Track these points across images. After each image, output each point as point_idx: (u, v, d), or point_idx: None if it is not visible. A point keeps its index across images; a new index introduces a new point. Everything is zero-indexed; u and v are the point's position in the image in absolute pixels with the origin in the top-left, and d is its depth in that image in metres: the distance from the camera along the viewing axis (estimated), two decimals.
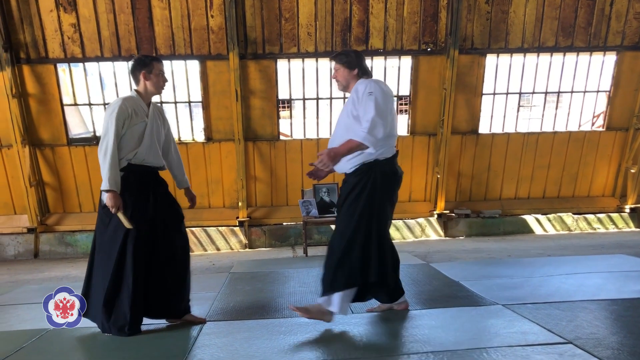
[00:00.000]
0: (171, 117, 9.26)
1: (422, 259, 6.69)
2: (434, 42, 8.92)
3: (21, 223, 9.19)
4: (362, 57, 3.97)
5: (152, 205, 3.82)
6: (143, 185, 3.84)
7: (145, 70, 3.89)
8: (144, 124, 3.83)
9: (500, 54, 9.12)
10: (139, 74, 3.90)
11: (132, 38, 8.63)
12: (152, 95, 3.98)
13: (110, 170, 3.64)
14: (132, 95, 3.92)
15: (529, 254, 7.02)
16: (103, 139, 3.72)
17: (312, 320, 3.76)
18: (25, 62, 8.64)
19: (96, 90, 9.21)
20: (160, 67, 3.94)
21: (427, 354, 3.12)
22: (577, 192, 9.93)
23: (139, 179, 3.82)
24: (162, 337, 3.76)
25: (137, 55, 4.16)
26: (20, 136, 8.66)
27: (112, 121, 3.68)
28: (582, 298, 4.24)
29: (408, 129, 9.41)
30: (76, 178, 9.20)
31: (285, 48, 8.81)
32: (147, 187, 3.86)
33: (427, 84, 9.12)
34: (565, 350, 3.08)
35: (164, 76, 3.99)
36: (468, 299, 4.41)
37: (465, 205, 9.68)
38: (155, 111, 3.98)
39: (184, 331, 3.83)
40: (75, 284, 6.17)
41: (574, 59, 9.25)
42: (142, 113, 3.85)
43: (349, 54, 3.95)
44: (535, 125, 9.88)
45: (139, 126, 3.80)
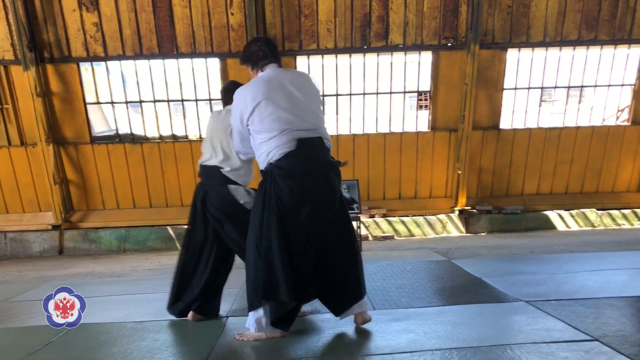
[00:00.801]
0: (192, 115, 9.36)
1: (443, 255, 6.65)
2: (454, 37, 8.86)
3: (46, 220, 9.34)
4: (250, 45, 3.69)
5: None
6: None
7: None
8: None
9: (521, 48, 9.03)
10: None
11: (153, 36, 8.70)
12: None
13: None
14: None
15: (552, 250, 6.94)
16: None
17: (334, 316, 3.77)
18: (49, 62, 8.77)
19: (118, 89, 9.32)
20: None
21: (451, 350, 3.11)
22: (600, 187, 9.80)
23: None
24: (186, 333, 3.80)
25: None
26: (44, 134, 8.80)
27: None
28: (607, 295, 4.17)
29: (428, 124, 9.37)
30: (99, 176, 9.32)
31: (304, 45, 8.81)
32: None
33: (448, 79, 9.06)
34: (591, 347, 3.04)
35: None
36: (491, 296, 4.37)
37: (487, 201, 9.61)
38: None
39: (207, 326, 3.86)
40: (101, 280, 6.29)
41: (598, 52, 9.11)
42: None
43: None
44: (557, 120, 9.77)
45: None
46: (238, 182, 3.89)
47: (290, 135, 3.31)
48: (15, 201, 9.48)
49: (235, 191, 3.87)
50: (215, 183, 3.90)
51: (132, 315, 4.36)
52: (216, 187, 3.89)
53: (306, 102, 3.42)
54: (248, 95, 3.39)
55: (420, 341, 3.30)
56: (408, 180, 9.57)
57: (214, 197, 3.88)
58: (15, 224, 9.38)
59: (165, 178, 9.37)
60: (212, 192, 3.90)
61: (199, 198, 3.97)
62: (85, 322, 4.15)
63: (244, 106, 3.40)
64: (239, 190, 3.88)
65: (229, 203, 3.86)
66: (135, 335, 3.74)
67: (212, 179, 3.92)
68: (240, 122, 3.48)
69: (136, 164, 9.30)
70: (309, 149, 3.35)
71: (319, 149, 3.41)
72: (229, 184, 3.87)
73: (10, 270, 7.62)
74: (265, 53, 3.51)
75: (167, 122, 9.34)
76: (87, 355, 3.41)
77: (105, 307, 4.71)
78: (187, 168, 9.28)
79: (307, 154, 3.34)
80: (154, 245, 9.15)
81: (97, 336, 3.82)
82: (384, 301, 4.33)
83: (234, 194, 3.86)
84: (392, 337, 3.41)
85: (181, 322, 4.01)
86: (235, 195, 3.86)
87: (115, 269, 7.23)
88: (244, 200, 3.87)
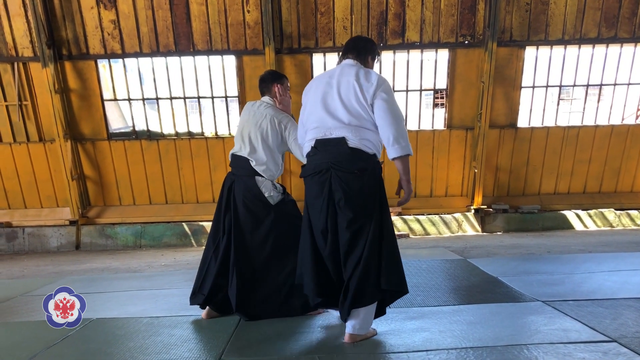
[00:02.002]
0: (208, 112, 9.40)
1: (459, 254, 6.62)
2: (471, 35, 8.79)
3: (63, 215, 9.44)
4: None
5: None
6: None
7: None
8: None
9: (540, 46, 8.92)
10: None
11: (170, 34, 8.75)
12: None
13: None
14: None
15: (569, 250, 6.87)
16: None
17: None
18: (67, 59, 8.85)
19: (135, 86, 9.38)
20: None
21: (466, 349, 3.09)
22: (619, 187, 9.67)
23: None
24: (201, 329, 3.82)
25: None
26: (62, 131, 8.89)
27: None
28: (626, 296, 4.12)
29: (445, 122, 9.31)
30: (116, 172, 9.40)
31: (320, 42, 8.80)
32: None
33: (465, 77, 9.00)
34: (609, 348, 3.01)
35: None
36: (507, 295, 4.34)
37: (503, 200, 9.54)
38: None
39: (223, 322, 3.88)
40: (117, 275, 6.35)
41: (618, 50, 8.99)
42: None
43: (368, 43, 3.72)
44: (576, 119, 9.65)
45: None
46: (265, 175, 3.91)
47: None
48: (34, 197, 9.59)
49: (261, 183, 3.90)
50: (243, 173, 3.95)
51: (148, 310, 4.39)
52: (243, 178, 3.94)
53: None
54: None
55: (436, 340, 3.29)
56: (424, 179, 9.53)
57: (240, 187, 3.93)
58: (33, 219, 9.49)
59: (181, 175, 9.42)
60: (239, 182, 3.96)
61: (226, 186, 4.04)
62: (101, 317, 4.21)
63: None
64: (265, 183, 3.91)
65: (253, 195, 3.90)
66: (151, 331, 3.78)
67: (241, 169, 3.96)
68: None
69: (152, 161, 9.36)
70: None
71: None
72: (256, 175, 3.91)
73: (28, 265, 7.72)
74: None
75: (183, 119, 9.39)
76: (103, 349, 3.44)
77: (122, 302, 4.75)
78: (203, 165, 9.33)
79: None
80: (170, 242, 9.21)
81: (113, 330, 3.85)
82: (399, 300, 4.31)
83: (260, 186, 3.90)
84: (407, 336, 3.40)
85: (197, 318, 4.04)
86: (260, 187, 3.89)
87: (132, 265, 7.29)
88: (268, 194, 3.89)
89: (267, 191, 3.90)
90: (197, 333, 3.74)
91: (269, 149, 3.92)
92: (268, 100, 4.10)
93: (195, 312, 4.11)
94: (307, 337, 3.48)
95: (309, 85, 3.61)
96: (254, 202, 3.89)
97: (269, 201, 3.89)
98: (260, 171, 3.90)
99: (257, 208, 3.89)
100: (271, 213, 3.89)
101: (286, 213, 3.96)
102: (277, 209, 3.92)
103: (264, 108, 4.03)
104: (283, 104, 4.09)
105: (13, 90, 8.94)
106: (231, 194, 3.97)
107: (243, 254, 3.88)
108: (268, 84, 4.12)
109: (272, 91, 4.11)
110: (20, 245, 9.31)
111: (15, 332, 3.96)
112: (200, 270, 4.09)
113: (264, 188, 3.89)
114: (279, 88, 4.08)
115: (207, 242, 4.16)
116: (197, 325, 3.90)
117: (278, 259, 3.89)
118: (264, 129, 3.93)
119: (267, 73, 4.22)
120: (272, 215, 3.89)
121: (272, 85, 4.10)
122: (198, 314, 4.06)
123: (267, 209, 3.89)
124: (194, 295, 4.08)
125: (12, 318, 4.41)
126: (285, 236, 3.89)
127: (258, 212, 3.89)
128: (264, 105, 4.06)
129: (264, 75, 4.20)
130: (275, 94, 4.09)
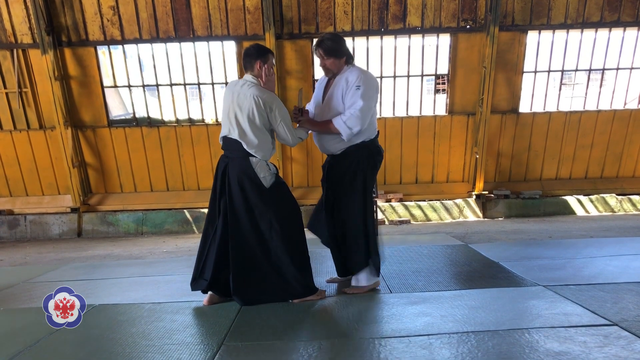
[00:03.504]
0: (208, 99, 9.37)
1: (460, 239, 6.62)
2: (473, 19, 8.73)
3: (65, 203, 9.45)
4: (344, 41, 4.17)
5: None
6: None
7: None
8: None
9: (542, 31, 8.86)
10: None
11: (169, 20, 8.69)
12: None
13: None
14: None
15: (571, 235, 6.87)
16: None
17: (353, 295, 3.99)
18: (66, 45, 8.81)
19: (135, 72, 9.34)
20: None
21: (468, 333, 3.10)
22: (621, 172, 9.65)
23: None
24: (203, 314, 3.83)
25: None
26: (62, 118, 8.87)
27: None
28: (627, 280, 4.13)
29: (446, 108, 9.27)
30: (117, 159, 9.39)
31: (321, 27, 8.74)
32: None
33: (466, 62, 8.95)
34: (610, 332, 3.01)
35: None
36: (508, 280, 4.35)
37: (505, 186, 9.52)
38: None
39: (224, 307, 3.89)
40: (119, 262, 6.36)
41: (620, 34, 8.92)
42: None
43: (337, 43, 4.07)
44: (578, 104, 9.60)
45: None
46: (258, 156, 3.85)
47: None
48: (35, 184, 9.60)
49: (256, 164, 3.84)
50: (237, 155, 3.88)
51: (150, 296, 4.41)
52: (237, 160, 3.87)
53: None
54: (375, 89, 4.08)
55: (437, 324, 3.29)
56: (425, 165, 9.51)
57: (235, 169, 3.87)
58: (34, 206, 9.51)
59: (182, 162, 9.41)
60: (233, 164, 3.89)
61: (220, 169, 3.97)
62: (104, 303, 4.23)
63: (376, 93, 4.09)
64: (260, 163, 3.85)
65: (248, 177, 3.84)
66: (154, 316, 3.79)
67: (234, 151, 3.89)
68: (369, 105, 3.99)
69: (153, 148, 9.35)
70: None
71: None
72: (250, 157, 3.85)
73: (30, 252, 7.74)
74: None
75: (183, 106, 9.36)
76: (106, 334, 3.46)
77: (124, 289, 4.77)
78: (203, 152, 9.31)
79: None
80: (171, 229, 9.22)
81: (115, 316, 3.86)
82: (400, 285, 4.33)
83: (255, 167, 3.84)
84: (408, 320, 3.41)
85: (199, 304, 4.04)
86: (255, 168, 3.83)
87: (133, 252, 7.30)
88: (263, 175, 3.84)
89: (262, 172, 3.84)
90: (199, 318, 3.75)
91: (258, 130, 3.83)
92: (252, 79, 3.92)
93: (197, 297, 4.12)
94: (309, 322, 3.49)
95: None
96: (249, 185, 3.84)
97: (263, 183, 3.84)
98: (253, 152, 3.83)
99: (252, 190, 3.84)
100: (266, 196, 3.85)
101: (281, 196, 3.93)
102: (271, 191, 3.87)
103: (247, 88, 3.86)
104: (268, 85, 3.95)
105: (13, 78, 8.90)
106: (225, 176, 3.91)
107: (238, 237, 3.84)
108: (252, 60, 3.93)
109: (254, 68, 3.93)
110: (22, 233, 9.33)
111: (18, 318, 3.98)
112: (199, 255, 4.06)
113: (259, 169, 3.83)
114: (265, 68, 3.91)
115: (204, 227, 4.12)
116: (199, 310, 3.91)
117: (275, 242, 3.86)
118: (250, 110, 3.80)
119: (252, 47, 3.99)
120: (266, 198, 3.85)
121: (256, 63, 3.92)
122: (200, 300, 4.07)
123: (262, 192, 3.84)
124: (194, 280, 4.06)
125: (15, 304, 4.43)
126: (281, 219, 3.86)
127: (253, 195, 3.84)
128: (247, 84, 3.88)
129: (248, 49, 3.99)
130: (260, 73, 3.93)
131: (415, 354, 2.83)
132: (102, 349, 3.21)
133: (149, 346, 3.18)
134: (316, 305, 3.85)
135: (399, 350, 2.90)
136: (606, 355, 2.68)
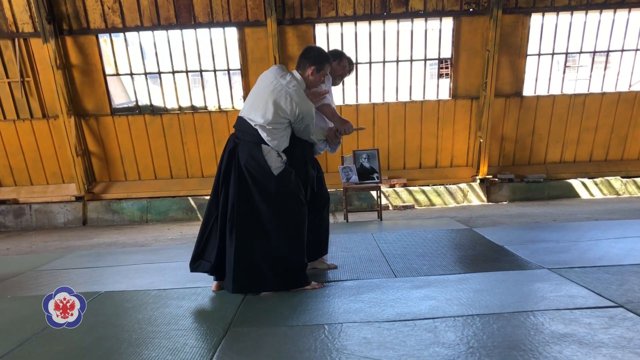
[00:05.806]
0: (211, 86, 9.34)
1: (464, 224, 6.62)
2: (476, 2, 8.65)
3: (69, 192, 9.48)
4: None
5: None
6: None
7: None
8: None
9: (546, 13, 8.79)
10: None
11: (170, 6, 8.65)
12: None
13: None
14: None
15: (575, 218, 6.86)
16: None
17: (358, 282, 3.92)
18: (68, 34, 8.78)
19: (137, 60, 9.31)
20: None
21: (473, 316, 3.10)
22: (626, 154, 9.62)
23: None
24: (209, 300, 3.84)
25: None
26: (65, 107, 8.87)
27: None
28: (632, 262, 4.12)
29: (450, 92, 9.23)
30: (120, 147, 9.40)
31: (323, 12, 8.69)
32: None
33: (470, 45, 8.89)
34: (615, 313, 3.01)
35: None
36: (513, 263, 4.35)
37: (509, 169, 9.51)
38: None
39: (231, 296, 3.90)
40: (125, 249, 6.39)
41: (625, 15, 8.84)
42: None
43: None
44: (582, 87, 9.56)
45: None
46: (271, 145, 3.75)
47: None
48: (39, 173, 9.62)
49: (267, 152, 3.75)
50: (249, 139, 3.78)
51: (155, 283, 4.42)
52: (248, 144, 3.78)
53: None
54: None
55: (442, 308, 3.30)
56: (429, 150, 9.49)
57: (244, 153, 3.77)
58: (39, 195, 9.54)
59: (186, 149, 9.41)
60: (243, 148, 3.79)
61: (227, 149, 3.87)
62: (110, 290, 4.24)
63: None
64: (271, 152, 3.76)
65: (258, 163, 3.74)
66: (159, 303, 3.80)
67: (248, 135, 3.79)
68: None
69: (156, 135, 9.34)
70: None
71: None
72: (263, 144, 3.76)
73: (36, 241, 7.78)
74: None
75: (186, 93, 9.34)
76: (112, 321, 3.47)
77: (129, 276, 4.79)
78: (206, 139, 9.30)
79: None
80: (176, 216, 9.25)
81: (122, 303, 3.88)
82: (405, 269, 4.34)
83: (265, 155, 3.75)
84: (413, 304, 3.41)
85: (204, 289, 4.06)
86: (266, 156, 3.74)
87: (138, 239, 7.33)
88: (274, 165, 3.75)
89: (273, 162, 3.74)
90: (205, 304, 3.76)
91: (281, 125, 3.75)
92: (299, 79, 3.82)
93: (203, 283, 4.13)
94: (314, 306, 3.50)
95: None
96: (257, 170, 3.74)
97: (272, 171, 3.74)
98: (267, 141, 3.74)
99: (259, 177, 3.74)
100: (272, 183, 3.74)
101: (287, 185, 3.80)
102: (279, 180, 3.76)
103: (291, 88, 3.74)
104: (313, 96, 3.89)
105: (15, 67, 8.90)
106: (232, 158, 3.81)
107: (239, 221, 3.76)
108: (306, 63, 3.84)
109: (306, 71, 3.84)
110: (27, 222, 9.37)
111: (24, 306, 4.00)
112: (200, 235, 3.98)
113: (269, 157, 3.74)
114: (316, 76, 3.85)
115: (207, 208, 4.00)
116: (205, 296, 3.92)
117: (277, 230, 3.76)
118: (283, 110, 3.71)
119: (313, 51, 3.89)
120: (272, 186, 3.74)
121: (309, 68, 3.83)
122: (206, 286, 4.08)
123: (269, 179, 3.74)
124: (193, 261, 3.99)
125: (21, 292, 4.45)
126: (284, 208, 3.78)
127: (259, 182, 3.74)
128: (293, 83, 3.77)
129: (308, 51, 3.90)
130: (309, 78, 3.85)
131: (420, 337, 2.83)
132: (108, 335, 3.23)
133: (156, 332, 3.20)
134: (320, 291, 3.86)
135: (405, 333, 2.91)
136: (611, 336, 2.68)
